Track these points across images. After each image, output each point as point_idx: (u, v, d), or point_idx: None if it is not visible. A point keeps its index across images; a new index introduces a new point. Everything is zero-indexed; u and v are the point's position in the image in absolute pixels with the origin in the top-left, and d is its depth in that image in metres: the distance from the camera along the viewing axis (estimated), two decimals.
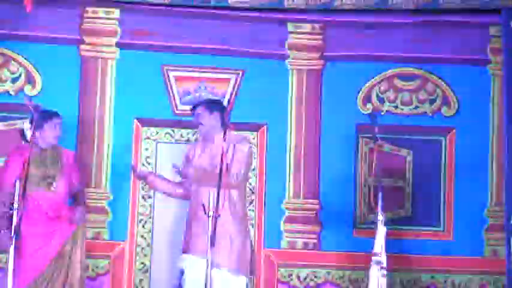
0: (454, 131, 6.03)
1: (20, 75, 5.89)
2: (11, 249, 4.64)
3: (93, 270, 5.79)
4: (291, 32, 6.04)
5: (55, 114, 5.28)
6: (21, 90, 5.82)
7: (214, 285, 4.72)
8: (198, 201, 4.95)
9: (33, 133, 5.07)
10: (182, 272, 5.07)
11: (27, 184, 5.02)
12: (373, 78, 6.05)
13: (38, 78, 5.87)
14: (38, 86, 5.86)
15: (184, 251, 5.00)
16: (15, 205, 4.67)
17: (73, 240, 5.22)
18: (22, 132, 5.18)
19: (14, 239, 4.64)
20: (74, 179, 5.37)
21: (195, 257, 4.89)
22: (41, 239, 5.02)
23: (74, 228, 5.21)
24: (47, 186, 5.10)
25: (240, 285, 4.93)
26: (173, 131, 5.98)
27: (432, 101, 6.05)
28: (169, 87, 5.97)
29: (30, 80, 5.87)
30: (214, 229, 4.49)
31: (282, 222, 5.94)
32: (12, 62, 5.85)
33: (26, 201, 5.03)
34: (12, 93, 5.85)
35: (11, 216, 4.99)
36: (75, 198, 5.39)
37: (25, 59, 5.86)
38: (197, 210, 4.91)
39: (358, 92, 6.04)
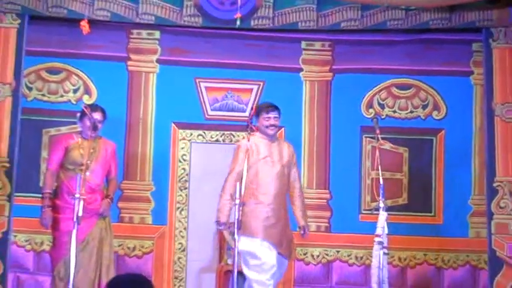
0: (443, 131, 6.30)
1: (79, 87, 6.25)
2: (73, 233, 4.78)
3: (139, 250, 6.13)
4: (304, 49, 6.37)
5: (95, 110, 5.28)
6: (80, 99, 6.17)
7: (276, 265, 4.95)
8: (258, 189, 5.02)
9: (82, 125, 5.22)
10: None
11: (64, 171, 5.20)
12: (375, 87, 6.36)
13: (93, 90, 6.25)
14: (94, 96, 6.22)
15: (241, 232, 4.90)
16: (77, 195, 4.78)
17: (100, 227, 5.23)
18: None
19: (76, 225, 4.77)
20: (113, 168, 5.41)
21: (250, 238, 4.98)
22: (72, 222, 4.87)
23: (98, 218, 5.22)
24: (81, 173, 4.99)
25: (285, 267, 5.12)
26: (204, 132, 6.31)
27: (424, 107, 6.34)
28: (201, 96, 6.32)
29: (87, 91, 6.24)
30: (239, 215, 4.71)
31: None
32: (73, 76, 6.23)
33: (62, 186, 5.18)
34: (73, 102, 6.22)
35: (50, 196, 5.15)
36: (109, 185, 5.41)
37: (83, 73, 6.24)
38: (257, 196, 5.02)
39: (362, 99, 6.34)
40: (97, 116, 5.28)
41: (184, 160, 6.30)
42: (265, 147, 5.17)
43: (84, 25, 5.53)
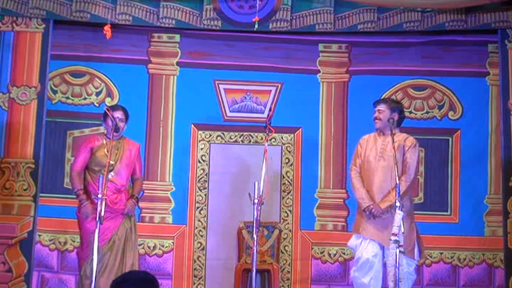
0: (459, 131, 6.33)
1: (102, 89, 6.33)
2: (96, 232, 4.76)
3: (159, 249, 6.21)
4: (322, 51, 6.44)
5: (116, 109, 5.32)
6: (103, 102, 6.26)
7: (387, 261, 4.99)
8: (365, 184, 5.13)
9: (106, 126, 5.28)
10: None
11: (91, 173, 5.24)
12: (391, 88, 6.38)
13: (115, 92, 6.34)
14: (116, 98, 6.30)
15: (356, 232, 5.19)
16: (99, 195, 4.79)
17: (125, 227, 5.27)
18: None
19: (98, 224, 4.73)
20: (137, 167, 5.45)
21: (365, 238, 5.16)
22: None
23: (123, 218, 5.26)
24: (105, 174, 4.95)
25: (408, 265, 5.03)
26: (223, 133, 6.37)
27: (440, 107, 6.37)
28: (220, 98, 6.38)
29: (109, 94, 6.32)
30: (258, 215, 4.77)
31: (315, 209, 6.29)
32: (96, 79, 6.32)
33: (89, 187, 5.21)
34: (96, 104, 6.30)
35: (83, 192, 5.19)
36: (134, 185, 5.46)
37: (106, 76, 6.33)
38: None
39: None
40: (118, 114, 5.34)
41: (204, 161, 6.37)
42: (373, 142, 5.27)
43: (108, 30, 5.59)
